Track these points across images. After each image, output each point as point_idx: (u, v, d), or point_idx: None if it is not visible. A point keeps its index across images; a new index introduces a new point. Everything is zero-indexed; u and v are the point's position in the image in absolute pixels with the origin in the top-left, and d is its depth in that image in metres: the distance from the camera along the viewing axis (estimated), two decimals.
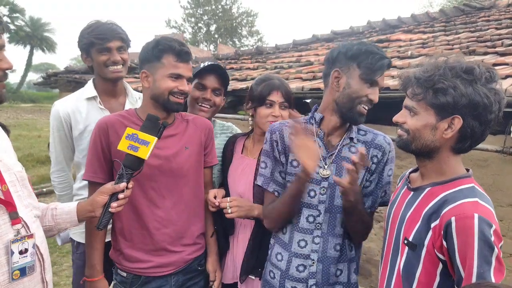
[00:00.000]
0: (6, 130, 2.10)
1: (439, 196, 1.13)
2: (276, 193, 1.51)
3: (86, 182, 1.87)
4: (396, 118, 1.23)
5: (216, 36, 29.52)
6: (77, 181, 2.02)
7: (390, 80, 2.65)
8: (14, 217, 1.05)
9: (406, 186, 1.29)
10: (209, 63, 1.84)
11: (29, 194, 1.17)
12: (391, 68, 3.22)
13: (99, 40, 1.82)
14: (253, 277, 1.67)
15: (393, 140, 1.48)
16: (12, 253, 1.03)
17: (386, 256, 1.29)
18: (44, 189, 6.63)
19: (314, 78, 3.52)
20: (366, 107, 1.40)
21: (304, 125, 1.49)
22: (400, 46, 4.36)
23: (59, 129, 1.94)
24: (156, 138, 1.32)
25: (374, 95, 1.39)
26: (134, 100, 2.02)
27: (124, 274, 1.59)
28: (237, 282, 1.72)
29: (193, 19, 28.94)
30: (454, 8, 6.35)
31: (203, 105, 1.83)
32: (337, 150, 1.45)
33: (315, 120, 1.49)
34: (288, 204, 1.44)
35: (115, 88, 1.96)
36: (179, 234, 1.60)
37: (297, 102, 1.94)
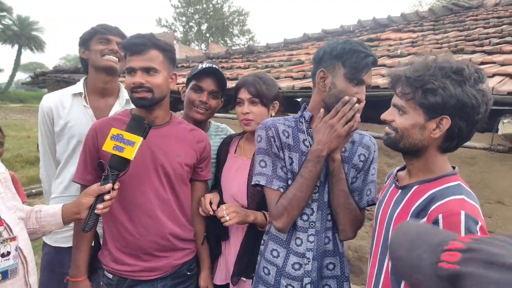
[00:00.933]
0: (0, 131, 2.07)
1: (427, 193, 1.14)
2: (281, 190, 1.44)
3: (63, 180, 1.90)
4: (384, 116, 1.23)
5: (208, 35, 29.41)
6: (55, 178, 1.98)
7: (379, 79, 2.67)
8: None
9: (394, 184, 1.30)
10: (208, 65, 1.81)
11: (13, 196, 1.16)
12: (380, 67, 3.24)
13: (102, 29, 1.87)
14: (245, 279, 1.66)
15: (380, 139, 1.49)
16: None
17: (375, 254, 1.29)
18: (33, 190, 6.54)
19: (304, 77, 3.53)
20: None
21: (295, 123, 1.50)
22: (390, 45, 4.39)
23: (44, 123, 1.93)
24: (142, 138, 1.31)
25: (361, 94, 1.38)
26: (123, 102, 2.00)
27: (110, 276, 1.57)
28: (229, 283, 1.72)
29: (184, 18, 28.78)
30: (443, 8, 6.43)
31: (199, 107, 1.81)
32: None
33: (304, 118, 1.49)
34: (309, 189, 1.39)
35: (106, 86, 1.94)
36: (166, 239, 1.57)
37: (288, 101, 1.94)
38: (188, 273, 1.68)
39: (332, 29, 6.33)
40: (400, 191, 1.25)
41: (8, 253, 1.04)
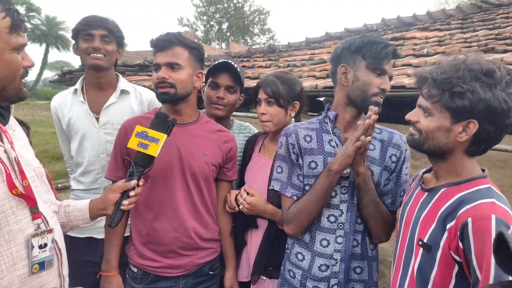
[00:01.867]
0: (27, 127, 2.16)
1: (455, 196, 1.11)
2: (294, 197, 1.48)
3: (76, 174, 1.99)
4: (409, 116, 1.21)
5: (228, 34, 29.57)
6: (73, 173, 2.05)
7: (405, 79, 2.61)
8: (35, 212, 1.07)
9: (419, 187, 1.27)
10: (222, 60, 1.82)
11: (48, 190, 1.19)
12: (406, 66, 3.17)
13: (84, 26, 1.86)
14: (265, 278, 1.66)
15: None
16: (32, 247, 1.05)
17: (399, 257, 1.27)
18: (59, 185, 6.74)
19: (327, 76, 3.49)
20: (380, 98, 1.39)
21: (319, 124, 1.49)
22: (416, 44, 4.29)
23: (55, 122, 2.03)
24: (165, 135, 1.32)
25: (385, 84, 1.39)
26: (118, 93, 1.99)
27: (135, 270, 1.61)
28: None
29: (205, 17, 29.04)
30: (471, 5, 6.22)
31: (217, 104, 1.82)
32: None
33: (329, 118, 1.48)
34: (319, 203, 1.42)
35: (100, 80, 1.96)
36: (190, 238, 1.59)
37: (311, 101, 1.93)
38: (211, 272, 1.69)
39: (355, 27, 6.24)
40: (426, 193, 1.22)
41: (45, 244, 1.08)
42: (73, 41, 1.95)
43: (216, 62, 1.82)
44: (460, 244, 1.05)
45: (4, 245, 0.99)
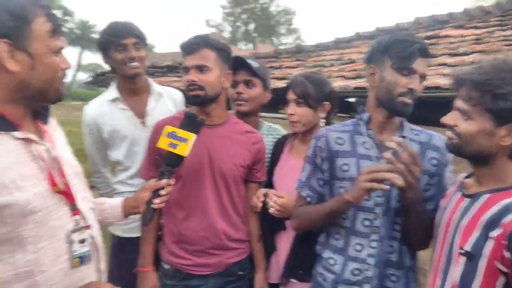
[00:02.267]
0: None
1: (500, 203, 1.06)
2: (308, 198, 1.51)
3: (123, 177, 2.03)
4: (446, 120, 1.16)
5: (254, 34, 29.70)
6: (116, 176, 2.11)
7: (440, 79, 2.52)
8: (74, 209, 1.10)
9: (459, 192, 1.22)
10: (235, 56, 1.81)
11: (85, 188, 1.23)
12: (441, 66, 3.06)
13: (115, 38, 1.88)
14: (295, 281, 1.64)
15: None
16: (72, 242, 1.08)
17: (437, 265, 1.23)
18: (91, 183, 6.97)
19: (358, 77, 3.42)
20: (409, 98, 1.32)
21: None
22: (451, 43, 4.13)
23: (90, 132, 2.03)
24: (194, 135, 1.33)
25: (413, 83, 1.31)
26: (157, 96, 2.05)
27: (167, 267, 1.65)
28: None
29: (231, 19, 29.32)
30: (511, 1, 5.92)
31: (238, 100, 1.83)
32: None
33: (363, 120, 1.45)
34: (322, 218, 1.43)
35: (136, 86, 2.00)
36: (219, 238, 1.61)
37: (341, 102, 1.90)
38: (240, 273, 1.70)
39: (386, 26, 6.08)
40: (467, 199, 1.17)
41: (84, 240, 1.11)
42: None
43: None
44: (507, 254, 0.99)
45: (47, 240, 1.02)
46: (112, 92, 2.02)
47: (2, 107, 0.99)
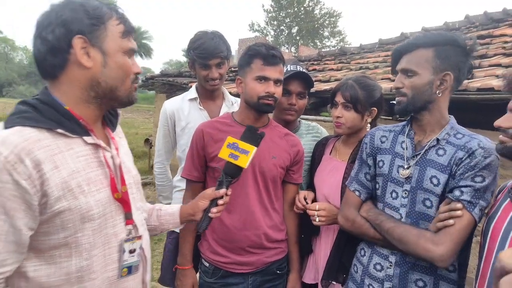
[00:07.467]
0: None
1: None
2: (356, 193, 1.52)
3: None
4: (499, 122, 1.13)
5: (298, 38, 29.58)
6: (177, 174, 2.23)
7: (494, 80, 2.39)
8: (128, 218, 1.12)
9: (509, 199, 1.17)
10: (292, 67, 1.86)
11: (141, 198, 1.26)
12: (495, 67, 2.90)
13: (200, 59, 2.02)
14: (335, 283, 1.64)
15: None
16: (124, 251, 1.08)
17: (484, 274, 1.18)
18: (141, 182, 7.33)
19: None
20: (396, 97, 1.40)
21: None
22: (506, 42, 3.89)
23: (164, 124, 2.21)
24: (255, 148, 1.35)
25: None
26: (230, 104, 2.21)
27: (207, 265, 1.71)
28: (317, 283, 1.72)
29: (275, 22, 29.43)
30: None
31: (290, 110, 1.87)
32: (423, 151, 1.37)
33: (408, 121, 1.48)
34: (375, 237, 1.42)
35: (213, 93, 2.18)
36: (259, 237, 1.65)
37: (387, 104, 1.87)
38: (278, 272, 1.73)
39: (434, 26, 5.84)
40: None
41: (134, 250, 1.12)
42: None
43: (287, 70, 1.85)
44: None
45: (101, 247, 1.03)
46: (192, 93, 2.20)
47: (78, 110, 1.01)
